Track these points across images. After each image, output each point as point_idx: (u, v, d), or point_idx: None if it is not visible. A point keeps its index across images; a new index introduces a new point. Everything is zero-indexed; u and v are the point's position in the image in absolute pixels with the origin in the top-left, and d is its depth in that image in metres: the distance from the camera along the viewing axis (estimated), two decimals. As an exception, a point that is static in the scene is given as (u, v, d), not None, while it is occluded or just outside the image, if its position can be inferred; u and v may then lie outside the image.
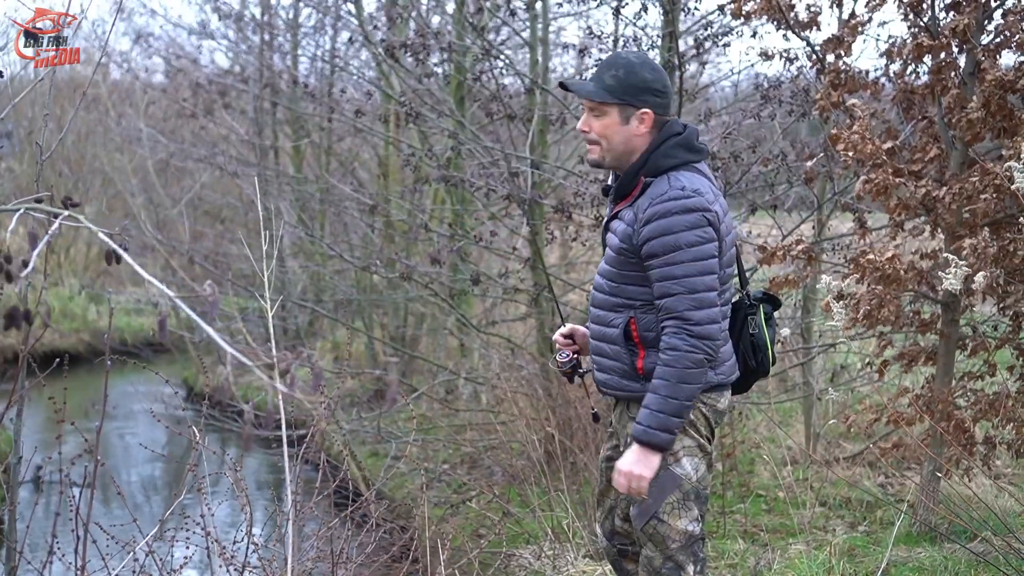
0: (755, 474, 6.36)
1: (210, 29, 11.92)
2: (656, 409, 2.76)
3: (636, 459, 2.80)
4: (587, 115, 2.93)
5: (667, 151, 2.86)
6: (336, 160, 11.65)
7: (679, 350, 2.73)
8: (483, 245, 6.81)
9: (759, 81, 6.32)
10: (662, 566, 2.92)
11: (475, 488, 6.42)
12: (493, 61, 6.66)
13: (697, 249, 2.75)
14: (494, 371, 7.44)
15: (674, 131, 2.90)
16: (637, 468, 2.79)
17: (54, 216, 2.29)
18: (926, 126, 4.99)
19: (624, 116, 2.88)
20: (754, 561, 4.72)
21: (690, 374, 2.74)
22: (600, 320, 2.98)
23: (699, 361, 2.75)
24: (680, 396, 2.75)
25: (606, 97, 2.86)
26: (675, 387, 2.74)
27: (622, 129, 2.88)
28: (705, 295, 2.76)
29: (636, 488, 2.82)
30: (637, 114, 2.88)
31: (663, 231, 2.76)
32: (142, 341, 14.52)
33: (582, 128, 2.95)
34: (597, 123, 2.90)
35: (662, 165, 2.85)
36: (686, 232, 2.75)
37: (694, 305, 2.74)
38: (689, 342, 2.73)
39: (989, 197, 4.45)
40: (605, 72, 2.89)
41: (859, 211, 5.51)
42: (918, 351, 5.05)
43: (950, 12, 4.84)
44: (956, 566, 4.41)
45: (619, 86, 2.86)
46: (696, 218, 2.76)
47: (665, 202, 2.77)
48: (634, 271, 2.87)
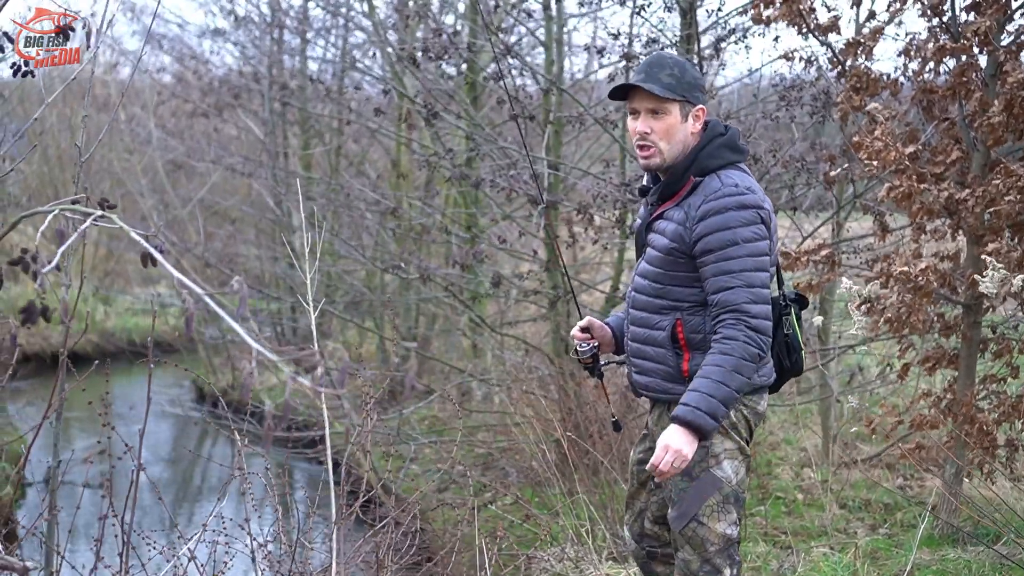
0: (773, 476, 6.35)
1: (220, 31, 11.93)
2: (707, 392, 2.69)
3: (680, 438, 2.70)
4: (646, 117, 2.87)
5: (713, 151, 2.86)
6: (346, 160, 11.65)
7: (737, 340, 2.70)
8: (502, 248, 6.80)
9: (777, 82, 6.31)
10: (699, 569, 2.90)
11: (491, 489, 6.41)
12: (510, 61, 6.65)
13: (752, 245, 2.74)
14: (509, 372, 7.43)
15: (718, 131, 2.90)
16: (678, 444, 2.69)
17: (87, 216, 2.28)
18: (947, 127, 4.98)
19: (684, 114, 2.87)
20: (777, 564, 4.71)
21: (744, 365, 2.71)
22: (643, 323, 2.95)
23: (754, 355, 2.72)
24: (732, 384, 2.70)
25: (670, 94, 2.83)
26: (729, 375, 2.69)
27: (682, 127, 2.87)
28: (761, 290, 2.75)
29: (676, 466, 2.71)
30: (694, 111, 2.88)
31: (719, 227, 2.74)
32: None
33: (643, 130, 2.89)
34: (659, 124, 2.86)
35: (709, 165, 2.85)
36: (742, 228, 2.74)
37: (752, 299, 2.72)
38: (747, 334, 2.70)
39: (1013, 199, 4.43)
40: (659, 72, 2.84)
41: (880, 213, 5.50)
42: (941, 354, 5.03)
43: (970, 13, 4.83)
44: (981, 568, 4.40)
45: (678, 84, 2.84)
46: (751, 215, 2.76)
47: (720, 198, 2.77)
48: (682, 271, 2.85)
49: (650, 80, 2.84)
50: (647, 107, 2.87)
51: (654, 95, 2.83)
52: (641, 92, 2.86)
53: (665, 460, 2.72)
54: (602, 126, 6.27)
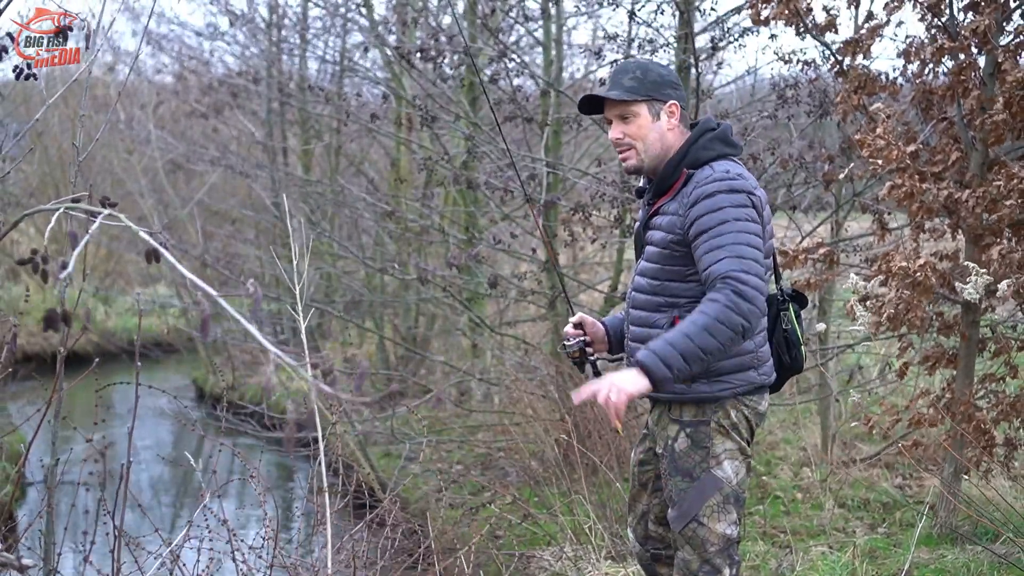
0: (772, 475, 6.36)
1: (219, 31, 11.94)
2: (670, 341, 2.61)
3: (627, 375, 2.63)
4: (617, 123, 2.96)
5: (705, 144, 2.91)
6: (346, 160, 11.65)
7: (718, 302, 2.62)
8: (500, 248, 6.81)
9: (776, 81, 6.32)
10: (699, 569, 2.90)
11: (490, 489, 6.41)
12: (508, 62, 6.66)
13: (743, 224, 2.75)
14: (508, 372, 7.44)
15: (709, 127, 2.96)
16: (621, 380, 2.61)
17: (93, 215, 2.28)
18: (946, 127, 4.98)
19: (654, 112, 2.94)
20: (776, 563, 4.72)
21: (718, 328, 2.60)
22: (642, 321, 2.96)
23: (734, 322, 2.61)
24: (697, 341, 2.60)
25: (633, 96, 2.90)
26: (699, 332, 2.60)
27: (655, 126, 2.93)
28: (753, 263, 2.69)
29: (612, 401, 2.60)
30: (665, 108, 2.94)
31: (710, 208, 2.76)
32: (151, 341, 14.54)
33: (615, 137, 2.97)
34: (629, 127, 2.94)
35: (702, 157, 2.90)
36: (732, 208, 2.75)
37: (743, 268, 2.67)
38: (731, 298, 2.62)
39: (1014, 203, 4.43)
40: (622, 78, 2.94)
41: (879, 212, 5.51)
42: (940, 353, 5.04)
43: (969, 13, 4.83)
44: (979, 567, 4.40)
45: (640, 85, 2.91)
46: (742, 198, 2.78)
47: (711, 183, 2.80)
48: (679, 265, 2.86)
49: (614, 87, 2.93)
50: (616, 113, 2.96)
51: (620, 101, 2.91)
52: (609, 101, 2.95)
53: (601, 389, 2.63)
54: (600, 126, 6.28)
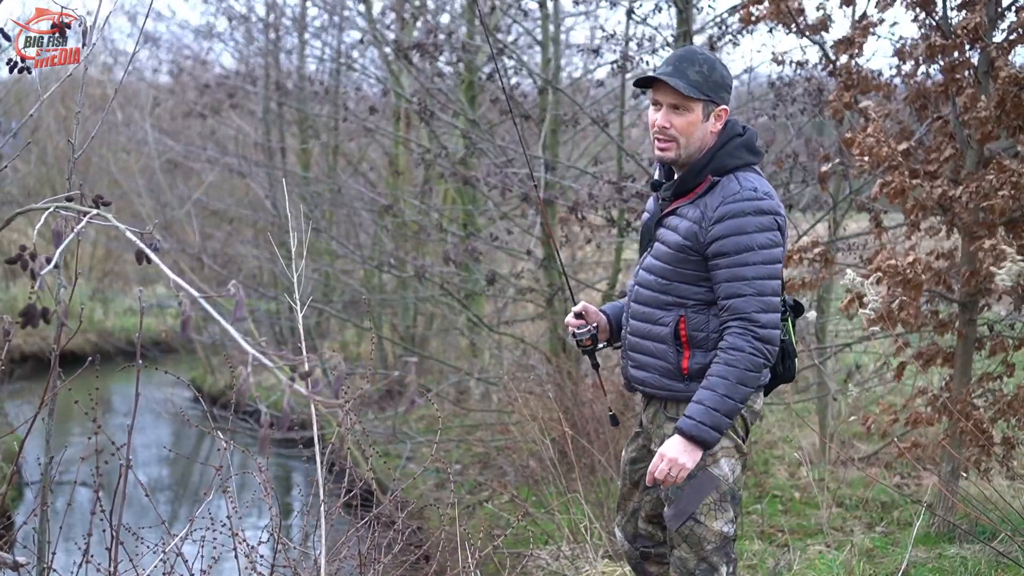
0: (770, 474, 6.36)
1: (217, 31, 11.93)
2: (711, 406, 2.72)
3: (682, 449, 2.75)
4: (667, 111, 2.82)
5: (732, 151, 2.83)
6: (344, 159, 11.65)
7: (743, 351, 2.71)
8: (498, 245, 6.80)
9: (773, 80, 6.32)
10: (696, 567, 2.89)
11: (488, 488, 6.41)
12: (506, 60, 6.65)
13: (768, 252, 2.73)
14: (507, 371, 7.43)
15: (736, 131, 2.87)
16: (682, 457, 2.74)
17: (83, 214, 2.28)
18: (940, 125, 4.98)
19: (707, 112, 2.83)
20: (773, 562, 4.71)
21: (749, 376, 2.73)
22: (646, 317, 2.93)
23: (759, 365, 2.73)
24: (736, 397, 2.73)
25: (695, 93, 2.78)
26: (733, 387, 2.72)
27: (703, 126, 2.83)
28: (772, 299, 2.75)
29: (674, 476, 2.76)
30: (716, 111, 2.84)
31: (736, 230, 2.72)
32: (149, 341, 14.53)
33: (662, 124, 2.82)
34: (679, 120, 2.81)
35: (727, 164, 2.82)
36: (759, 234, 2.73)
37: (762, 308, 2.72)
38: (753, 345, 2.71)
39: (1007, 194, 4.43)
40: (687, 67, 2.79)
41: (875, 211, 5.50)
42: (936, 351, 5.04)
43: (962, 11, 4.83)
44: (977, 566, 4.40)
45: (704, 82, 2.79)
46: (769, 221, 2.75)
47: (739, 202, 2.74)
48: (691, 270, 2.83)
49: (677, 75, 2.78)
50: (670, 101, 2.82)
51: (679, 91, 2.78)
52: (666, 86, 2.80)
53: (660, 469, 2.77)
54: (598, 125, 6.28)
